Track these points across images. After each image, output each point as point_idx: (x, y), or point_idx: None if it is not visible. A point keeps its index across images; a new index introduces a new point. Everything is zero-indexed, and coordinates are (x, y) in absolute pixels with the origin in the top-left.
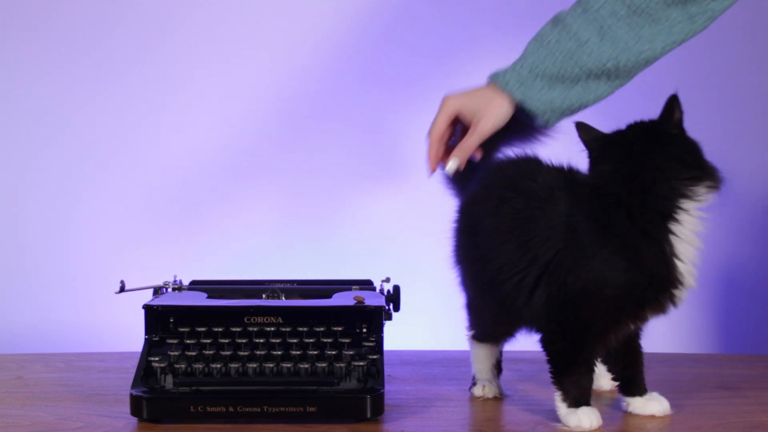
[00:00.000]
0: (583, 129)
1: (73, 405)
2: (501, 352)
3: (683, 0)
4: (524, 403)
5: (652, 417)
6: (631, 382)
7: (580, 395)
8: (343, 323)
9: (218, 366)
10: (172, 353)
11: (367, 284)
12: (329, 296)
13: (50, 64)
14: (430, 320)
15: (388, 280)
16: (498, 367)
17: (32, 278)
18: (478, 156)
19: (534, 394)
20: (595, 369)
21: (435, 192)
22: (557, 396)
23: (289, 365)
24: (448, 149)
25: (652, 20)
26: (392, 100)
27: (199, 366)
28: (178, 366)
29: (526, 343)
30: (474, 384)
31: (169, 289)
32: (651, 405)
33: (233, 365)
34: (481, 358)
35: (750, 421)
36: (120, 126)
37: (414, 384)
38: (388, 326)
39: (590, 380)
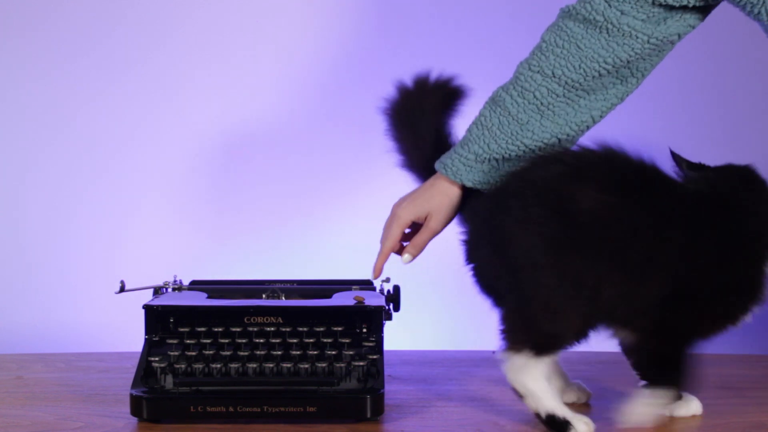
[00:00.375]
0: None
1: (73, 405)
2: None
3: (615, 68)
4: (524, 404)
5: (656, 417)
6: None
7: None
8: (343, 323)
9: (218, 366)
10: (172, 353)
11: (367, 284)
12: (329, 296)
13: (50, 64)
14: (430, 320)
15: (388, 280)
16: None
17: (32, 278)
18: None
19: None
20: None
21: None
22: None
23: (289, 365)
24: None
25: (588, 91)
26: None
27: (199, 366)
28: (178, 366)
29: None
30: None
31: (169, 289)
32: (692, 406)
33: (233, 365)
34: (544, 382)
35: (750, 421)
36: (120, 126)
37: (414, 384)
38: (388, 326)
39: None
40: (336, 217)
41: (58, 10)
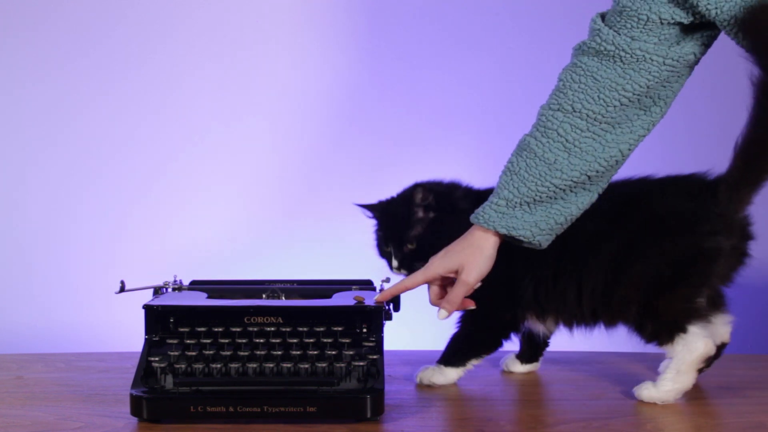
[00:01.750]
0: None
1: (73, 405)
2: None
3: (636, 96)
4: (524, 403)
5: (652, 418)
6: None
7: None
8: (343, 323)
9: (218, 366)
10: (172, 353)
11: (367, 284)
12: (329, 296)
13: (50, 64)
14: (430, 320)
15: (388, 280)
16: None
17: (32, 278)
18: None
19: (534, 393)
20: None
21: None
22: None
23: (289, 365)
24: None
25: (613, 125)
26: (394, 100)
27: (199, 366)
28: (178, 366)
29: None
30: None
31: (169, 289)
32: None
33: (233, 365)
34: None
35: (750, 421)
36: (120, 126)
37: (414, 384)
38: (388, 326)
39: None
40: (336, 217)
41: (58, 11)
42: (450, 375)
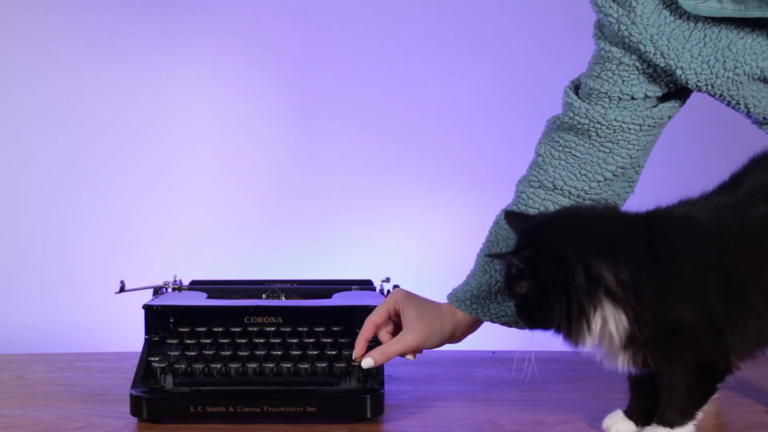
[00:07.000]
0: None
1: (73, 405)
2: None
3: (621, 171)
4: (524, 403)
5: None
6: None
7: None
8: (343, 323)
9: (218, 366)
10: (172, 353)
11: (367, 284)
12: (329, 296)
13: (51, 64)
14: None
15: (388, 280)
16: None
17: (32, 278)
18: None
19: (534, 394)
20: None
21: (435, 192)
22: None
23: (289, 365)
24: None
25: (598, 201)
26: (393, 100)
27: (199, 366)
28: (178, 366)
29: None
30: None
31: (169, 289)
32: None
33: (233, 365)
34: None
35: (750, 421)
36: (120, 126)
37: (414, 384)
38: None
39: None
40: (336, 217)
41: (59, 10)
42: None
